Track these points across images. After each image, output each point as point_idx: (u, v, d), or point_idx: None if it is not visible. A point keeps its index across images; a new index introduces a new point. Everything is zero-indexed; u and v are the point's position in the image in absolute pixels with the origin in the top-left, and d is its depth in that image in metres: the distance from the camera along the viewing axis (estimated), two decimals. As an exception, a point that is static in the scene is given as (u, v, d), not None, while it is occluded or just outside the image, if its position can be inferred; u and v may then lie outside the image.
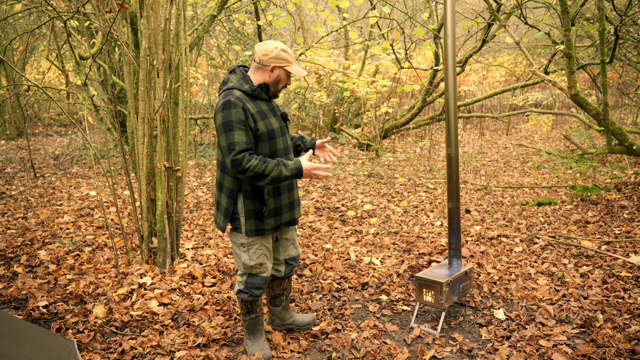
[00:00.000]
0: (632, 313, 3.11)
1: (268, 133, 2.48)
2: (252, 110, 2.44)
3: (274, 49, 2.48)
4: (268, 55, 2.48)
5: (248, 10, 9.26)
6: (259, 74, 2.54)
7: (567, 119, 14.37)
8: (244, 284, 2.66)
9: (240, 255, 2.61)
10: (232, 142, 2.36)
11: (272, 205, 2.56)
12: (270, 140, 2.50)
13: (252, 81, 2.54)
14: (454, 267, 3.22)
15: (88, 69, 4.47)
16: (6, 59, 7.05)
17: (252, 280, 2.64)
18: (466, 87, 8.52)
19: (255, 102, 2.49)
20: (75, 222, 5.21)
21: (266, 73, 2.52)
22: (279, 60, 2.49)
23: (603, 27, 5.07)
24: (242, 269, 2.65)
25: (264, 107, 2.53)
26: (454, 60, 3.10)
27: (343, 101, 10.85)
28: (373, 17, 5.82)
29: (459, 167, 3.43)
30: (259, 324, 2.76)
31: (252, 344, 2.73)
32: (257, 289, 2.65)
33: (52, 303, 3.34)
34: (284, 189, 2.61)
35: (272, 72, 2.52)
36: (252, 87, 2.47)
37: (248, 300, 2.67)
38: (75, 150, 9.74)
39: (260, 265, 2.62)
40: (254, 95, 2.49)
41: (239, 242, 2.60)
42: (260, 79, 2.54)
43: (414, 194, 6.59)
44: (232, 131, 2.37)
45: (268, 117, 2.51)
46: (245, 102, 2.42)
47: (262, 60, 2.48)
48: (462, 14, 7.66)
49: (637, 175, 6.57)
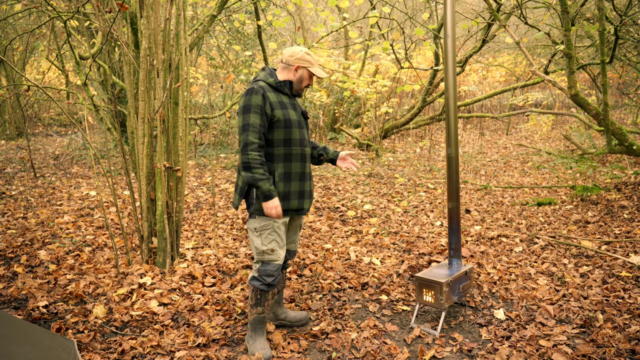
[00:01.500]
0: (632, 313, 3.11)
1: (284, 121, 2.69)
2: (273, 99, 2.69)
3: (299, 52, 2.78)
4: (294, 57, 2.77)
5: (248, 10, 9.26)
6: (284, 72, 2.81)
7: (567, 119, 14.37)
8: (257, 271, 2.76)
9: (254, 240, 2.74)
10: (247, 122, 2.62)
11: (281, 188, 2.72)
12: (286, 128, 2.70)
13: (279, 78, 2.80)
14: (454, 267, 3.22)
15: (88, 69, 4.47)
16: (6, 59, 7.05)
17: (264, 268, 2.74)
18: (466, 87, 8.52)
19: (278, 94, 2.74)
20: (75, 222, 5.21)
21: (291, 72, 2.80)
22: (303, 61, 2.78)
23: (603, 27, 5.07)
24: (255, 255, 2.76)
25: (286, 100, 2.77)
26: (454, 60, 3.10)
27: (343, 101, 10.85)
28: (373, 17, 5.82)
29: (459, 167, 3.43)
30: (262, 322, 2.81)
31: (254, 343, 2.77)
32: (268, 276, 2.73)
33: (52, 303, 3.34)
34: (295, 177, 2.77)
35: (296, 72, 2.79)
36: (276, 81, 2.75)
37: (259, 289, 2.74)
38: (75, 150, 9.74)
39: (272, 252, 2.72)
40: (277, 88, 2.76)
41: (253, 227, 2.74)
42: (286, 77, 2.81)
43: (414, 194, 6.59)
44: (249, 113, 2.62)
45: (287, 108, 2.73)
46: (267, 92, 2.68)
47: (288, 61, 2.78)
48: (462, 14, 7.66)
49: (637, 175, 6.57)
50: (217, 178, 7.43)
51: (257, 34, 8.17)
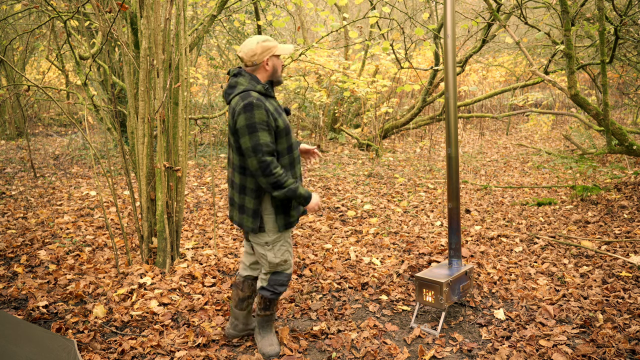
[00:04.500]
0: (632, 313, 3.11)
1: (285, 129, 2.54)
2: (271, 108, 2.51)
3: (256, 46, 2.52)
4: (256, 53, 2.52)
5: (248, 10, 9.26)
6: (260, 73, 2.59)
7: (567, 119, 14.37)
8: (267, 281, 2.70)
9: (266, 254, 2.63)
10: (258, 142, 2.41)
11: None
12: (287, 135, 2.56)
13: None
14: (454, 267, 3.22)
15: (88, 69, 4.47)
16: (6, 59, 7.05)
17: (276, 278, 2.68)
18: (466, 87, 8.52)
19: (269, 101, 2.55)
20: (75, 222, 5.21)
21: (263, 69, 2.58)
22: (267, 51, 2.54)
23: (603, 27, 5.07)
24: (267, 268, 2.67)
25: (275, 104, 2.61)
26: (454, 60, 3.10)
27: (343, 101, 10.85)
28: (373, 17, 5.82)
29: (459, 167, 3.43)
30: (271, 320, 2.80)
31: (262, 339, 2.78)
32: (281, 286, 2.69)
33: (52, 303, 3.34)
34: (299, 180, 2.68)
35: (267, 65, 2.57)
36: (264, 86, 2.53)
37: (269, 297, 2.70)
38: (75, 150, 9.74)
39: (285, 262, 2.67)
40: (266, 95, 2.55)
41: (263, 241, 2.61)
42: (264, 77, 2.60)
43: (414, 194, 6.59)
44: (257, 132, 2.41)
45: (281, 113, 2.59)
46: (265, 102, 2.48)
47: (254, 62, 2.54)
48: (462, 14, 7.66)
49: (637, 175, 6.57)
50: (217, 178, 7.43)
51: (257, 34, 8.18)
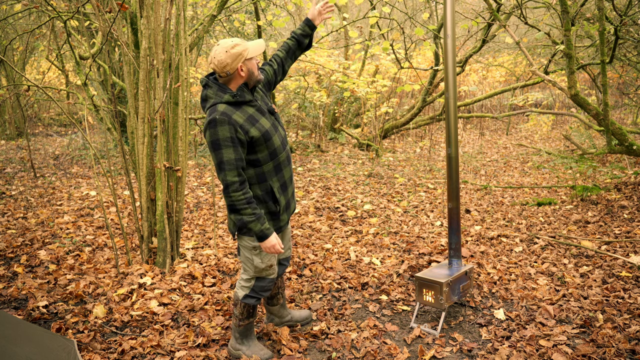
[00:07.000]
0: (632, 313, 3.11)
1: (263, 136, 2.44)
2: (241, 120, 2.39)
3: (226, 55, 2.38)
4: (227, 64, 2.39)
5: (248, 10, 9.26)
6: (235, 81, 2.47)
7: (567, 119, 14.37)
8: (250, 288, 2.65)
9: (252, 258, 2.59)
10: (222, 160, 2.36)
11: (283, 201, 2.61)
12: (267, 141, 2.47)
13: (231, 89, 2.48)
14: (454, 267, 3.22)
15: (88, 69, 4.47)
16: (6, 59, 7.05)
17: (260, 284, 2.65)
18: (466, 87, 8.52)
19: (241, 109, 2.43)
20: (75, 222, 5.21)
21: (239, 76, 2.46)
22: (238, 58, 2.40)
23: (603, 27, 5.07)
24: (251, 273, 2.63)
25: (251, 110, 2.47)
26: (454, 60, 3.10)
27: (343, 101, 10.85)
28: (373, 17, 5.82)
29: (459, 167, 3.43)
30: (252, 327, 2.76)
31: (248, 348, 2.72)
32: (265, 292, 2.67)
33: (52, 303, 3.34)
34: (288, 182, 2.64)
35: (242, 72, 2.45)
36: (232, 94, 2.41)
37: (252, 305, 2.67)
38: (75, 150, 9.74)
39: (270, 267, 2.63)
40: (237, 102, 2.43)
41: (251, 245, 2.58)
42: (237, 83, 2.48)
43: (414, 194, 6.59)
44: (221, 149, 2.35)
45: (258, 119, 2.46)
46: (232, 115, 2.37)
47: (227, 72, 2.42)
48: (462, 14, 7.66)
49: (637, 175, 6.57)
50: (217, 178, 7.43)
51: (257, 34, 8.17)
